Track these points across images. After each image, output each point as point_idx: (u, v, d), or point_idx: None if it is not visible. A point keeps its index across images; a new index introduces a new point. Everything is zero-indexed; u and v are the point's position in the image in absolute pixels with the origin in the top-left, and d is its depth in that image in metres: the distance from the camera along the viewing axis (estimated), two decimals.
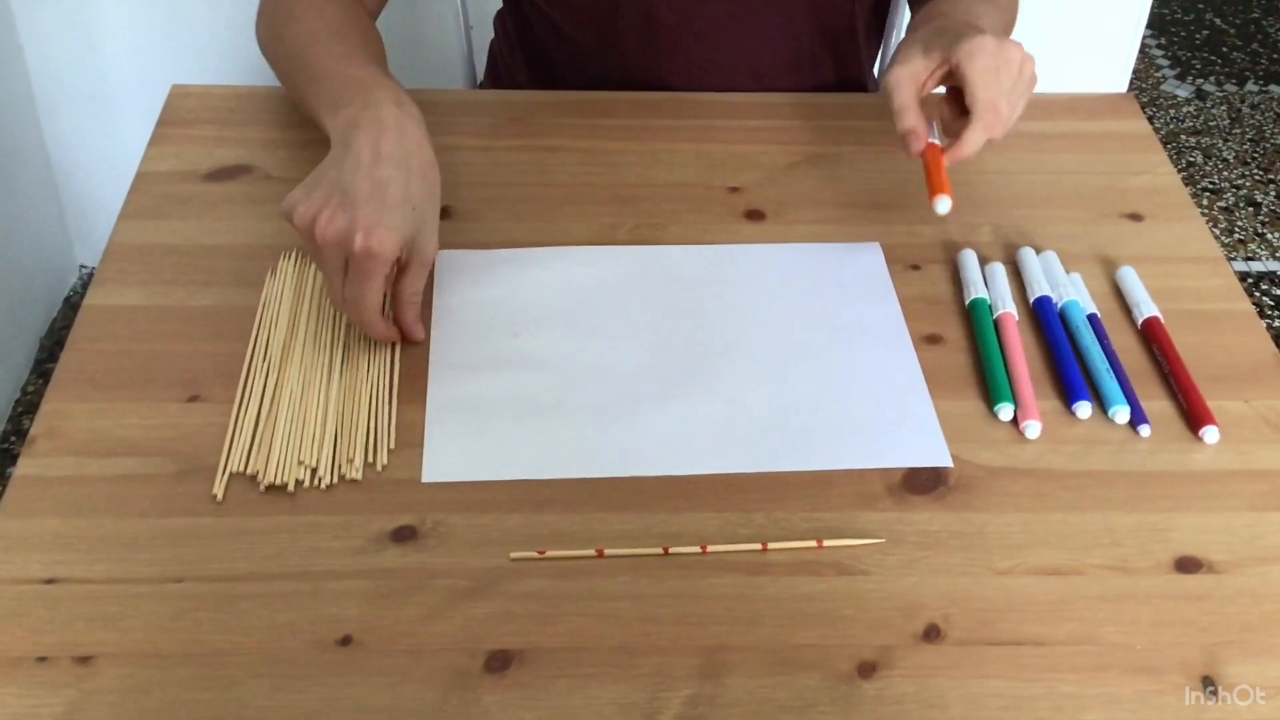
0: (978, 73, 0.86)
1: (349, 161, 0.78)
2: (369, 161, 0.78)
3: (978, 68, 0.86)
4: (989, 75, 0.86)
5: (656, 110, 1.07)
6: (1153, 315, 0.87)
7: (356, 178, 0.77)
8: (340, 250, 0.76)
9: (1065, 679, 0.66)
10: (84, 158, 1.89)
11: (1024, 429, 0.79)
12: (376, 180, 0.77)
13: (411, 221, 0.78)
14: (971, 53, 0.87)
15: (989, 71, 0.86)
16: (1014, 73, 0.87)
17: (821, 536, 0.72)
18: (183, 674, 0.64)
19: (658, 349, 0.84)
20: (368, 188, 0.77)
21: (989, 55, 0.87)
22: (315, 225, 0.76)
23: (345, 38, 0.92)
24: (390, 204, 0.77)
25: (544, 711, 0.63)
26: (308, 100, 0.90)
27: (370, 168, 0.78)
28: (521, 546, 0.71)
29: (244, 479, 0.74)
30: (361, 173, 0.77)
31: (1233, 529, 0.74)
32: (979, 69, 0.86)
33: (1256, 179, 2.39)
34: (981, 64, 0.86)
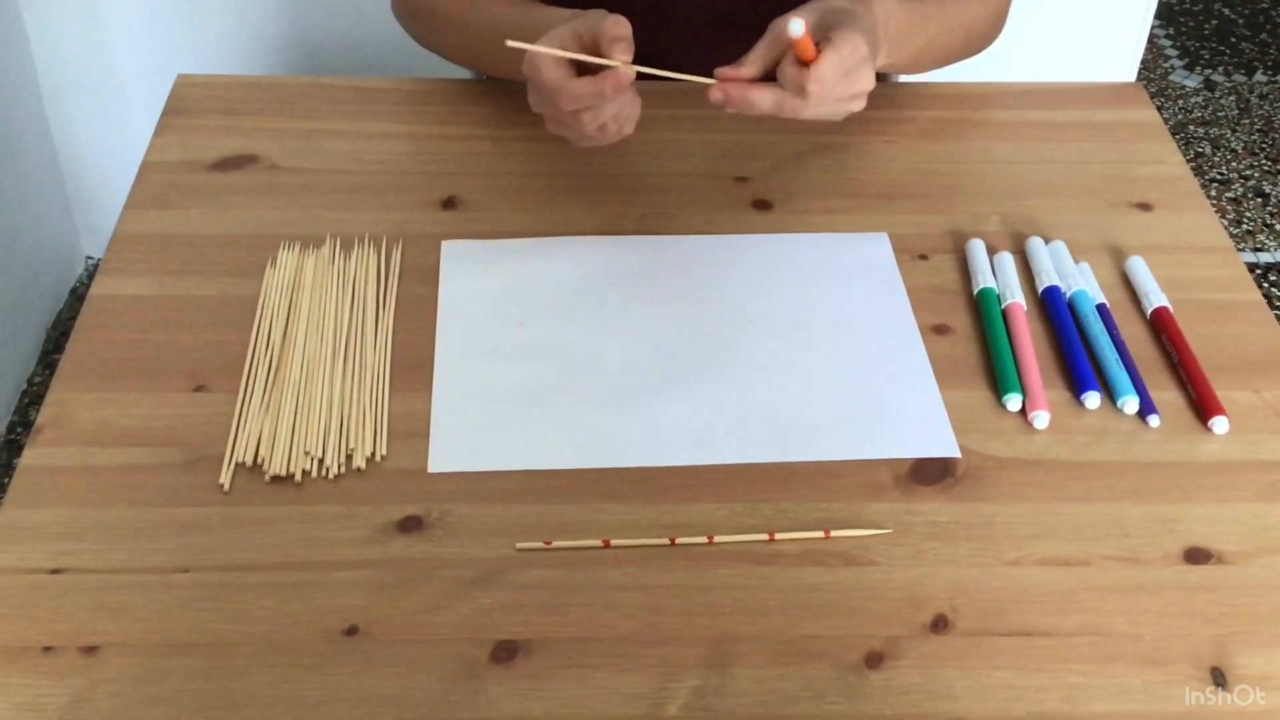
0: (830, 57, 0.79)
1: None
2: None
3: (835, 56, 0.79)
4: (837, 66, 0.79)
5: (662, 99, 1.06)
6: (1162, 305, 0.86)
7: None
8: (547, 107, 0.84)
9: (1073, 670, 0.66)
10: (90, 149, 1.89)
11: (1032, 419, 0.79)
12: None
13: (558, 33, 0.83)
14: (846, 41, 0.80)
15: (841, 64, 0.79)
16: (853, 86, 0.81)
17: (829, 527, 0.72)
18: (189, 664, 0.64)
19: (664, 339, 0.84)
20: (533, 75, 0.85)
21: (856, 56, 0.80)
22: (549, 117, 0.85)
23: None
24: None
25: (550, 702, 0.63)
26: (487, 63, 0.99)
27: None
28: (528, 537, 0.71)
29: (250, 469, 0.74)
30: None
31: (1242, 520, 0.74)
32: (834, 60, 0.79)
33: (1265, 170, 2.38)
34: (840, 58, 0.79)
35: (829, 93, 0.79)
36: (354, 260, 0.88)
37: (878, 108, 1.06)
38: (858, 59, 0.80)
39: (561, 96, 0.81)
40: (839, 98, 0.81)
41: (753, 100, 0.80)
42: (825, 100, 0.80)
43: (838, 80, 0.79)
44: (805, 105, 0.80)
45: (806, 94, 0.79)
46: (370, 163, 0.97)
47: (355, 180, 0.96)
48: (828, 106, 0.81)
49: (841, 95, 0.81)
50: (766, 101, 0.80)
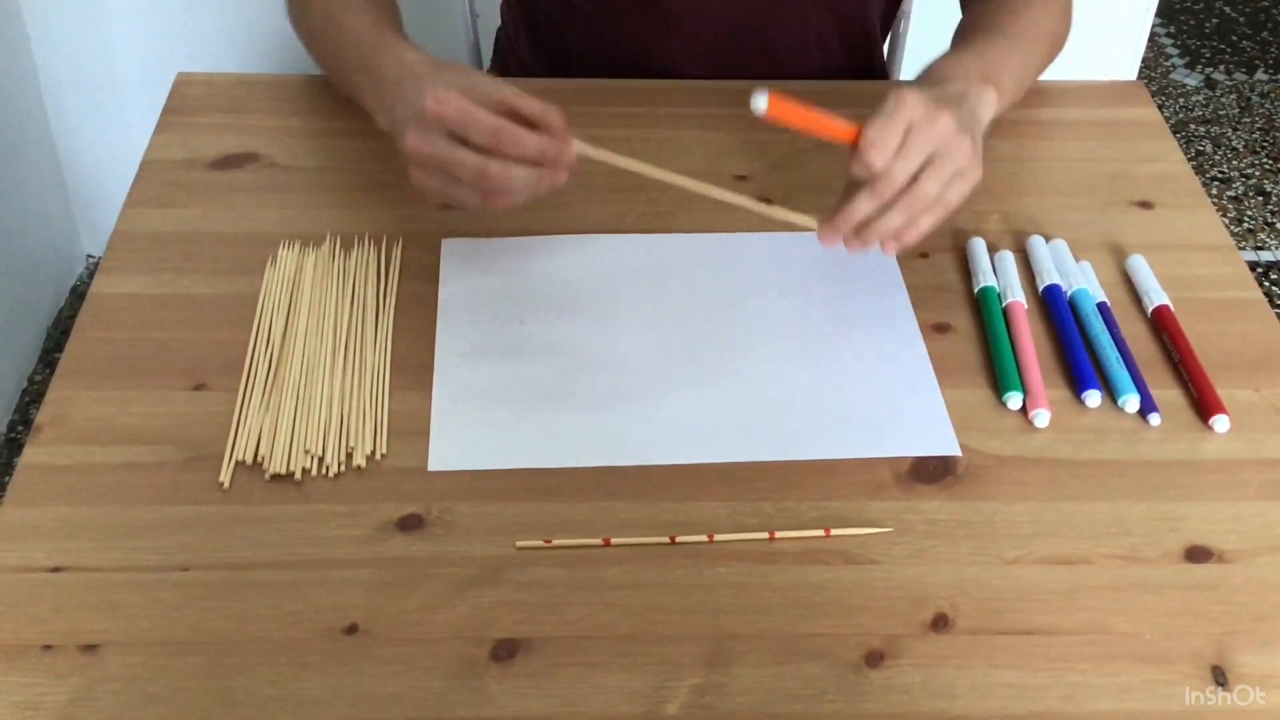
0: (870, 127, 0.76)
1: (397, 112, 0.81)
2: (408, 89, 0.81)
3: (873, 125, 0.76)
4: (883, 131, 0.75)
5: (663, 98, 1.06)
6: (1163, 304, 0.86)
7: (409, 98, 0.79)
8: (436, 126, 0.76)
9: (1074, 668, 0.66)
10: (91, 148, 1.89)
11: (1033, 418, 0.79)
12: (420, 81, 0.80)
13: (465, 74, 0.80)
14: (879, 110, 0.77)
15: (887, 128, 0.75)
16: (935, 136, 0.76)
17: (829, 525, 0.72)
18: (188, 662, 0.64)
19: (664, 337, 0.84)
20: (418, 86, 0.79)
21: (898, 112, 0.76)
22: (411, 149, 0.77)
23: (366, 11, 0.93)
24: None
25: (550, 700, 0.63)
26: (342, 83, 0.93)
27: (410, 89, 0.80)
28: (528, 535, 0.71)
29: (250, 467, 0.74)
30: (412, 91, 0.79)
31: (1243, 518, 0.74)
32: (873, 127, 0.76)
33: (1266, 168, 2.37)
34: (879, 121, 0.76)
35: (887, 147, 0.75)
36: (354, 258, 0.88)
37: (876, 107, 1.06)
38: (903, 108, 0.76)
39: (504, 137, 0.75)
40: (918, 159, 0.76)
41: (849, 214, 0.77)
42: (899, 163, 0.76)
43: (892, 135, 0.75)
44: (887, 178, 0.76)
45: (871, 165, 0.75)
46: (370, 161, 0.97)
47: (355, 178, 0.96)
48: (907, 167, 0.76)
49: (917, 155, 0.76)
50: (861, 207, 0.77)
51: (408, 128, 0.77)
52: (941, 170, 0.77)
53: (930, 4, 1.20)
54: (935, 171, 0.77)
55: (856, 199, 0.77)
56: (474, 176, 0.76)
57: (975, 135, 0.80)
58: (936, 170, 0.77)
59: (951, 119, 0.78)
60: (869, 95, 1.07)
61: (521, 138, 0.76)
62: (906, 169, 0.76)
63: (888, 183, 0.76)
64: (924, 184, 0.77)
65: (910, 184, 0.77)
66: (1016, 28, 0.96)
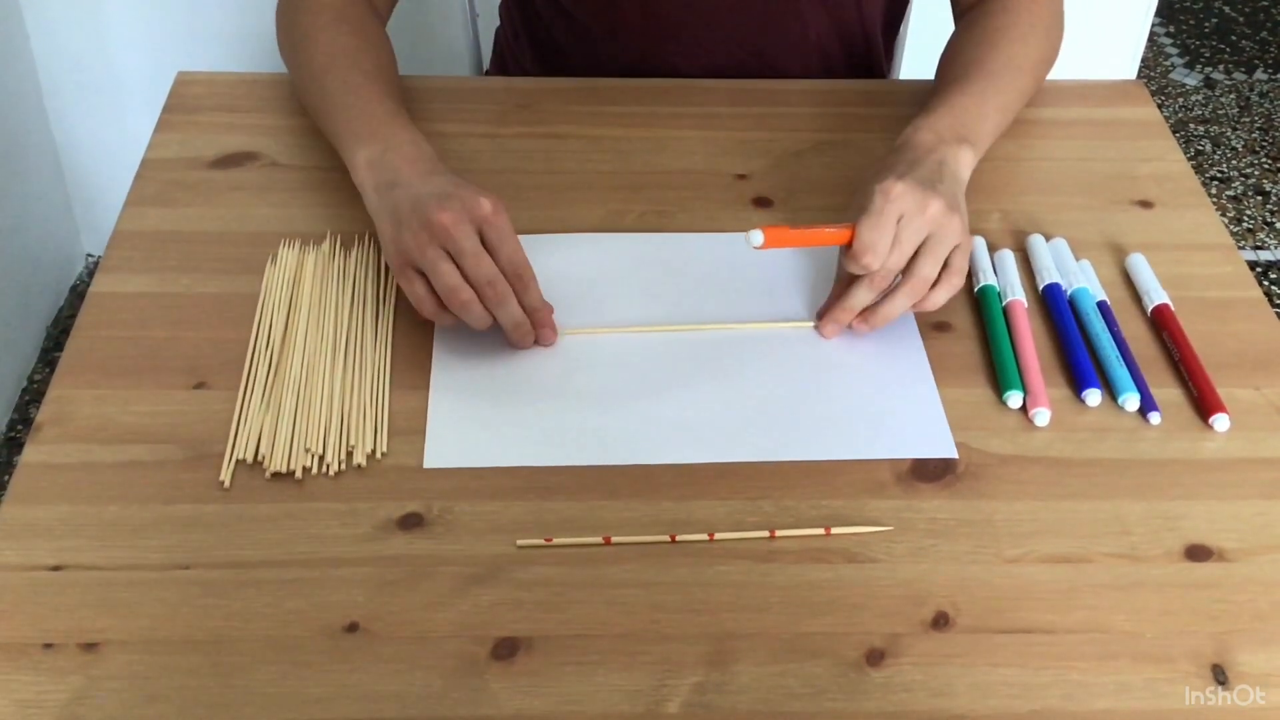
0: (862, 228, 0.78)
1: (410, 186, 0.81)
2: (426, 172, 0.83)
3: (864, 225, 0.78)
4: (874, 233, 0.78)
5: (663, 97, 1.06)
6: (1163, 302, 0.86)
7: (430, 183, 0.81)
8: (469, 225, 0.77)
9: (1074, 667, 0.66)
10: (91, 147, 1.89)
11: (1033, 417, 0.79)
12: (445, 177, 0.82)
13: None
14: (868, 210, 0.79)
15: (878, 226, 0.78)
16: (927, 221, 0.79)
17: (830, 524, 0.72)
18: (189, 661, 0.64)
19: (663, 337, 0.84)
20: (446, 182, 0.81)
21: (886, 210, 0.78)
22: (435, 228, 0.77)
23: (359, 64, 0.93)
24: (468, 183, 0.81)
25: (551, 699, 0.63)
26: (326, 126, 0.93)
27: (429, 176, 0.82)
28: (528, 534, 0.71)
29: (250, 466, 0.74)
30: (433, 179, 0.82)
31: (1243, 517, 0.74)
32: (865, 227, 0.78)
33: (1265, 168, 2.38)
34: (870, 220, 0.78)
35: (881, 248, 0.78)
36: (354, 257, 0.88)
37: (878, 105, 1.06)
38: (891, 204, 0.79)
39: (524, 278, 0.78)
40: (911, 247, 0.79)
41: (849, 306, 0.81)
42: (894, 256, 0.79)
43: (884, 235, 0.78)
44: (881, 274, 0.79)
45: (867, 268, 0.79)
46: None
47: None
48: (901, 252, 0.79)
49: (910, 244, 0.79)
50: (861, 298, 0.81)
51: (445, 203, 0.78)
52: (937, 252, 0.80)
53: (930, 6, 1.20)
54: (930, 254, 0.80)
55: (855, 290, 0.81)
56: (487, 280, 0.77)
57: (961, 205, 0.83)
58: (932, 253, 0.80)
59: (941, 203, 0.80)
60: (866, 94, 1.08)
61: (533, 286, 0.79)
62: (900, 258, 0.80)
63: (884, 275, 0.80)
64: (921, 268, 0.80)
65: (908, 269, 0.80)
66: (994, 63, 0.96)
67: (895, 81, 1.15)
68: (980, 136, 0.91)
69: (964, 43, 1.00)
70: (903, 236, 0.79)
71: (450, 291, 0.77)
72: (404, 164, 0.84)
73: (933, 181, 0.82)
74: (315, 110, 0.95)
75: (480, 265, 0.77)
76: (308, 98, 0.97)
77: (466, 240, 0.77)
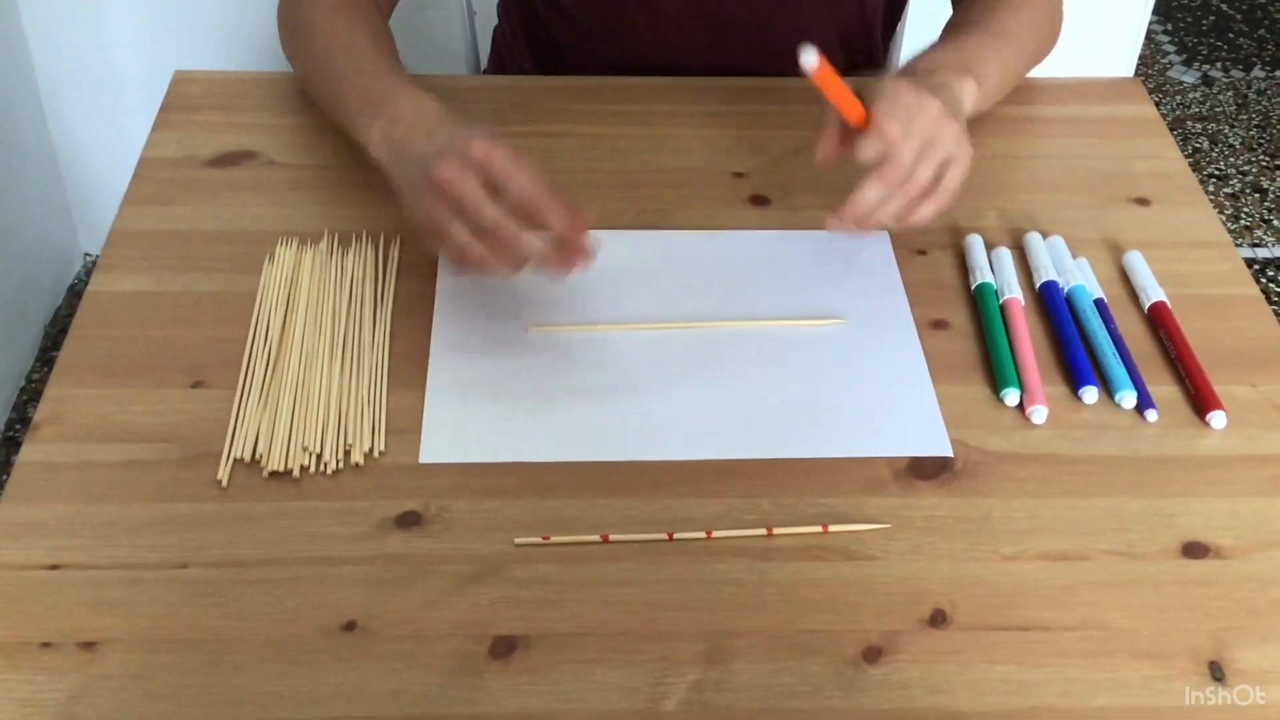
0: (880, 109, 0.79)
1: (415, 151, 0.80)
2: (428, 132, 0.81)
3: (881, 108, 0.79)
4: (892, 112, 0.79)
5: (660, 95, 1.06)
6: (1160, 300, 0.86)
7: (433, 141, 0.79)
8: (467, 173, 0.75)
9: (1072, 664, 0.66)
10: (89, 146, 1.89)
11: (1030, 414, 0.79)
12: (446, 130, 0.81)
13: None
14: (880, 96, 0.80)
15: (893, 110, 0.79)
16: (927, 123, 0.80)
17: (827, 522, 0.72)
18: (187, 660, 0.64)
19: (660, 334, 0.84)
20: (446, 135, 0.79)
21: (898, 97, 0.79)
22: (436, 187, 0.75)
23: (355, 45, 0.93)
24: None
25: (548, 697, 0.63)
26: (335, 116, 0.93)
27: (432, 134, 0.81)
28: (526, 532, 0.71)
29: (248, 465, 0.74)
30: (435, 137, 0.80)
31: (1240, 514, 0.74)
32: (882, 108, 0.79)
33: (1263, 165, 2.38)
34: (886, 104, 0.79)
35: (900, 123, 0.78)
36: (352, 256, 0.88)
37: None
38: (901, 93, 0.80)
39: (538, 205, 0.75)
40: (916, 144, 0.79)
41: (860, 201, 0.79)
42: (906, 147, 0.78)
43: (900, 112, 0.79)
44: (894, 163, 0.78)
45: (889, 135, 0.78)
46: (367, 159, 0.97)
47: (353, 176, 0.96)
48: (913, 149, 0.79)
49: (916, 141, 0.79)
50: (870, 193, 0.79)
51: (442, 159, 0.76)
52: (934, 156, 0.80)
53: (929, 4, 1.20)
54: (928, 158, 0.80)
55: (865, 186, 0.79)
56: (491, 225, 0.75)
57: (961, 118, 0.83)
58: (929, 157, 0.80)
59: (940, 105, 0.81)
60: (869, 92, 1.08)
61: (552, 211, 0.76)
62: (910, 153, 0.79)
63: (895, 168, 0.79)
64: (920, 171, 0.80)
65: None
66: (998, 24, 0.97)
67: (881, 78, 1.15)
68: (984, 74, 0.90)
69: (960, 17, 1.01)
70: (908, 130, 0.79)
71: (461, 254, 0.75)
72: (407, 131, 0.83)
73: (934, 89, 0.82)
74: (322, 101, 0.96)
75: (480, 213, 0.75)
76: (313, 90, 0.98)
77: (467, 190, 0.75)
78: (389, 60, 0.93)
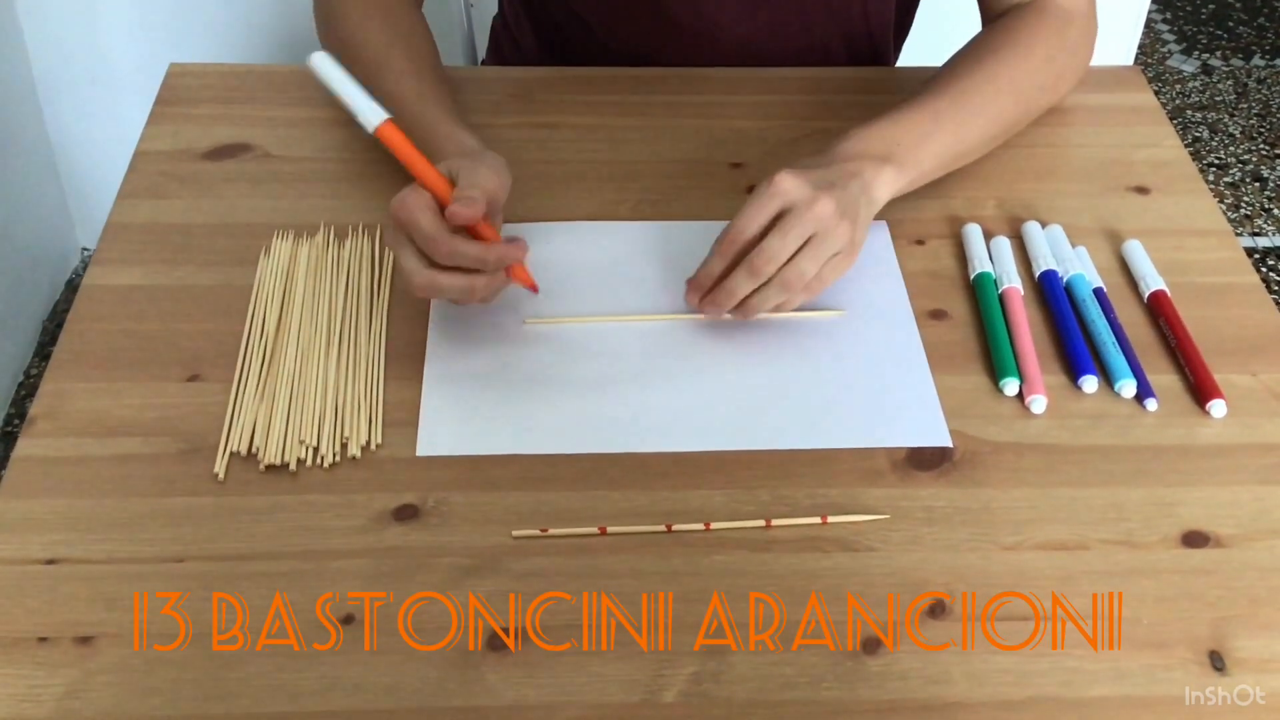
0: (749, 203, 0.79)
1: None
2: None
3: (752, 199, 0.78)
4: (753, 202, 0.78)
5: (658, 86, 1.06)
6: (1159, 289, 0.86)
7: None
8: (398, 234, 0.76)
9: (1071, 654, 0.66)
10: (85, 140, 1.88)
11: (1029, 404, 0.78)
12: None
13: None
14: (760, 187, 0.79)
15: (756, 200, 0.78)
16: (809, 223, 0.77)
17: (826, 513, 0.72)
18: (184, 654, 0.64)
19: (658, 326, 0.83)
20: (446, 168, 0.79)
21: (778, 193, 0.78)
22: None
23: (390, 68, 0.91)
24: None
25: (547, 689, 0.63)
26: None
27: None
28: (524, 525, 0.71)
29: (245, 458, 0.74)
30: None
31: (1240, 503, 0.74)
32: (752, 200, 0.78)
33: (1263, 154, 2.37)
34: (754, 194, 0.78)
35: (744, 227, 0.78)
36: (348, 248, 0.88)
37: (874, 93, 1.06)
38: (778, 194, 0.78)
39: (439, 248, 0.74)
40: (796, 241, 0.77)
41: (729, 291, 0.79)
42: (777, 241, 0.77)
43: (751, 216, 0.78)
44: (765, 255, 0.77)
45: (727, 242, 0.79)
46: (363, 150, 0.96)
47: (348, 168, 0.95)
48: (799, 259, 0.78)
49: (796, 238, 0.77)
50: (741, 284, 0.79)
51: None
52: (820, 251, 0.78)
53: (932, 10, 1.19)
54: (813, 252, 0.78)
55: (734, 274, 0.79)
56: (404, 279, 0.76)
57: (858, 218, 0.81)
58: (814, 251, 0.78)
59: (833, 204, 0.78)
60: (861, 82, 1.08)
61: (456, 249, 0.74)
62: (785, 249, 0.78)
63: (765, 259, 0.78)
64: (800, 262, 0.78)
65: (788, 262, 0.78)
66: (970, 81, 0.91)
67: (890, 69, 1.15)
68: (916, 158, 0.87)
69: (959, 56, 0.96)
70: (786, 228, 0.77)
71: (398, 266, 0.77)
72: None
73: (831, 185, 0.80)
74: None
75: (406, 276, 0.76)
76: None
77: (391, 243, 0.77)
78: (429, 82, 0.91)
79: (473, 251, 0.74)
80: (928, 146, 0.87)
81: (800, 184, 0.78)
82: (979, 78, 0.92)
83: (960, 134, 0.90)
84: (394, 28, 0.95)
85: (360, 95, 0.73)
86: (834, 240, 0.78)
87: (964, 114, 0.90)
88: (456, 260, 0.74)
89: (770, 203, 0.78)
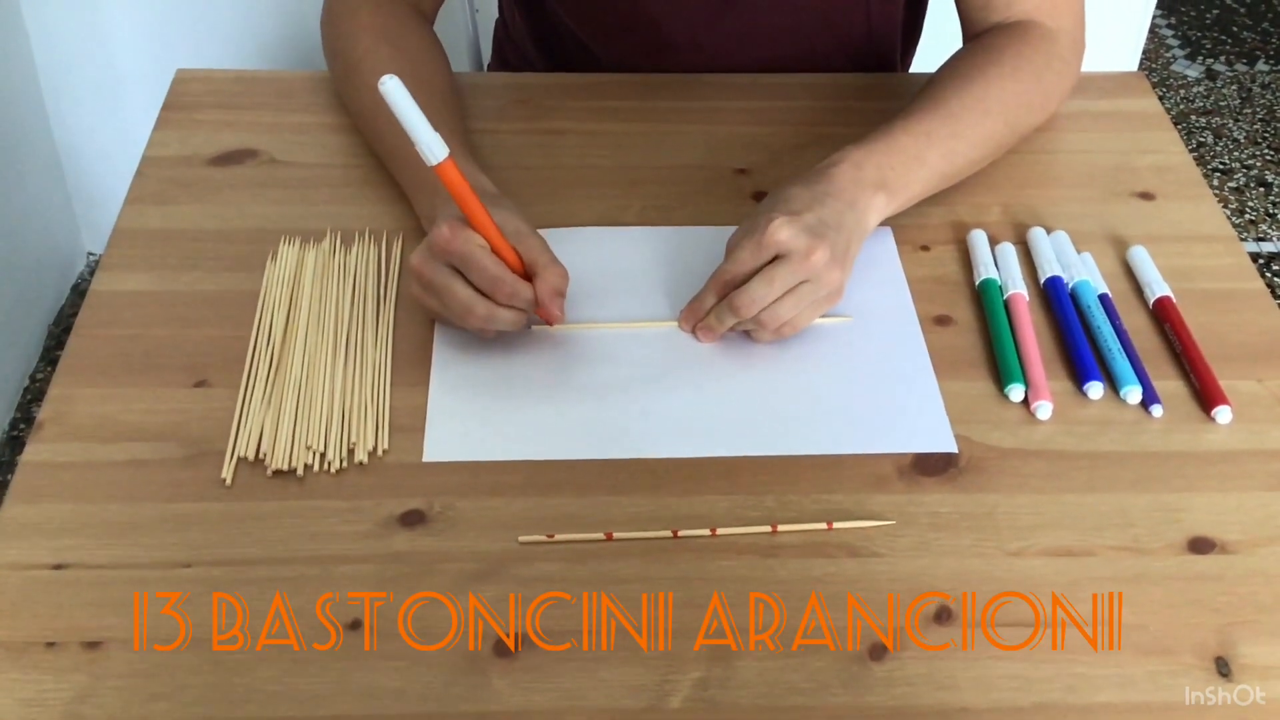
0: (742, 240, 0.80)
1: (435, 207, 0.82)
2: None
3: (746, 238, 0.79)
4: (750, 246, 0.79)
5: (663, 92, 1.06)
6: (1164, 295, 0.86)
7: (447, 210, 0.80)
8: (435, 261, 0.77)
9: (1078, 660, 0.66)
10: (91, 146, 1.89)
11: (1035, 410, 0.79)
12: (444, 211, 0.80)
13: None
14: (750, 228, 0.80)
15: (755, 246, 0.78)
16: (800, 272, 0.78)
17: (832, 518, 0.72)
18: (191, 659, 0.64)
19: (664, 331, 0.84)
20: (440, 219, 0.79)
21: (774, 241, 0.78)
22: (413, 273, 0.78)
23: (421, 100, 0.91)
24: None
25: (553, 695, 0.63)
26: (390, 168, 0.93)
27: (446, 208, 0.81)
28: (530, 530, 0.71)
29: (252, 464, 0.74)
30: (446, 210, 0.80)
31: (1246, 509, 0.74)
32: (746, 238, 0.79)
33: (1267, 159, 2.37)
34: (753, 237, 0.78)
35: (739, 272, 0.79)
36: (354, 254, 0.88)
37: (877, 99, 1.06)
38: (774, 241, 0.78)
39: (500, 288, 0.76)
40: (782, 287, 0.78)
41: (714, 324, 0.81)
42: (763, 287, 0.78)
43: (745, 260, 0.79)
44: (749, 298, 0.78)
45: (721, 284, 0.80)
46: (369, 156, 0.97)
47: (355, 174, 0.96)
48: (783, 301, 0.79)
49: (782, 285, 0.78)
50: (724, 319, 0.80)
51: (422, 248, 0.78)
52: (805, 298, 0.79)
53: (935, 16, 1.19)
54: (797, 297, 0.79)
55: (719, 309, 0.81)
56: (461, 311, 0.77)
57: (848, 258, 0.81)
58: (798, 296, 0.79)
59: (827, 253, 0.78)
60: (866, 88, 1.08)
61: (518, 290, 0.77)
62: (769, 294, 0.78)
63: (747, 301, 0.78)
64: (783, 305, 0.79)
65: (770, 304, 0.79)
66: (957, 103, 0.91)
67: (895, 75, 1.15)
68: (907, 184, 0.87)
69: (943, 74, 0.95)
70: (773, 275, 0.78)
71: (454, 299, 0.77)
72: (427, 192, 0.85)
73: (826, 229, 0.79)
74: (375, 151, 0.95)
75: (445, 301, 0.77)
76: (364, 134, 0.97)
77: (436, 276, 0.77)
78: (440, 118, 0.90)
79: (529, 295, 0.77)
80: (918, 171, 0.88)
81: (796, 232, 0.78)
82: (968, 99, 0.92)
83: (950, 158, 0.90)
84: (403, 55, 0.94)
85: (424, 127, 0.72)
86: (822, 287, 0.79)
87: (954, 137, 0.90)
88: (516, 301, 0.77)
89: (764, 252, 0.78)
